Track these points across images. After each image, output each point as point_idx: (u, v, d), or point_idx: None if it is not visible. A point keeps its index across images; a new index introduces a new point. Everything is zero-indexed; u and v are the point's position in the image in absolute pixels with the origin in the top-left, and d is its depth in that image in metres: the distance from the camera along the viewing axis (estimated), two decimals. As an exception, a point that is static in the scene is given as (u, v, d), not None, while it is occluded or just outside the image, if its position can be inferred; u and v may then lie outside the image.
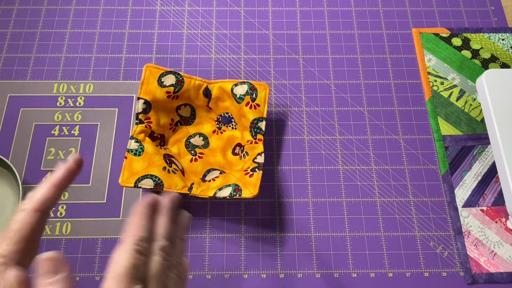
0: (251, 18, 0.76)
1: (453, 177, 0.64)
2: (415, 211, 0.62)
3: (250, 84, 0.62)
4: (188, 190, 0.57)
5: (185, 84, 0.62)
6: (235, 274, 0.58)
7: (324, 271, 0.59)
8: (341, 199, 0.63)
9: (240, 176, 0.58)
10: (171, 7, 0.77)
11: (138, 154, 0.58)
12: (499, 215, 0.62)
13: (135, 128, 0.60)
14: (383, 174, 0.65)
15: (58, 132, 0.66)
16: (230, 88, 0.62)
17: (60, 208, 0.61)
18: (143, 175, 0.56)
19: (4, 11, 0.75)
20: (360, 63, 0.73)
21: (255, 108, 0.62)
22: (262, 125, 0.61)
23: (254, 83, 0.62)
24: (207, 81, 0.63)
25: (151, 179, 0.56)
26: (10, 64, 0.71)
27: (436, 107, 0.69)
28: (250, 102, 0.62)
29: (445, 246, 0.60)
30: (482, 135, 0.67)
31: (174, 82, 0.61)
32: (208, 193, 0.57)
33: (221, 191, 0.56)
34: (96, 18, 0.75)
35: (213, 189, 0.57)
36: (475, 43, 0.74)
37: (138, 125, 0.60)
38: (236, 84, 0.62)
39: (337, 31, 0.75)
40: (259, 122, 0.61)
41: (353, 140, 0.67)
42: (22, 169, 0.63)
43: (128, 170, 0.56)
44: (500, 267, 0.59)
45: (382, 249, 0.60)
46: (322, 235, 0.61)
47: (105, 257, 0.58)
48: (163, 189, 0.56)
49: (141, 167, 0.57)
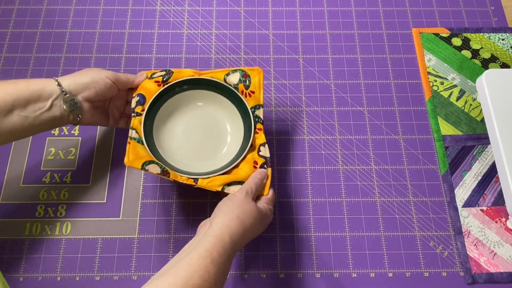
0: (251, 18, 0.76)
1: (453, 177, 0.64)
2: (415, 211, 0.62)
3: (242, 71, 0.60)
4: (194, 182, 0.55)
5: (174, 74, 0.60)
6: (235, 274, 0.58)
7: (324, 271, 0.59)
8: (341, 199, 0.63)
9: (249, 170, 0.56)
10: (171, 7, 0.77)
11: (141, 142, 0.56)
12: (499, 215, 0.62)
13: (133, 120, 0.58)
14: (383, 174, 0.65)
15: (58, 132, 0.66)
16: (223, 78, 0.60)
17: (60, 208, 0.61)
18: (149, 160, 0.54)
19: (4, 11, 0.75)
20: (360, 63, 0.73)
21: (250, 95, 0.59)
22: (259, 112, 0.59)
23: (246, 69, 0.60)
24: (198, 72, 0.61)
25: (158, 166, 0.54)
26: (10, 64, 0.71)
27: (436, 107, 0.69)
28: (244, 90, 0.59)
29: (445, 246, 0.60)
30: (482, 135, 0.67)
31: (162, 74, 0.60)
32: (215, 186, 0.55)
33: (230, 186, 0.54)
34: (96, 18, 0.75)
35: (220, 183, 0.55)
36: (475, 43, 0.74)
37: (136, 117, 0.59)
38: (228, 74, 0.60)
39: (337, 31, 0.75)
40: (256, 110, 0.59)
41: (353, 140, 0.67)
42: (22, 169, 0.63)
43: (133, 153, 0.54)
44: (500, 267, 0.59)
45: (382, 249, 0.60)
46: (322, 235, 0.61)
47: (105, 257, 0.58)
48: (169, 177, 0.54)
49: (145, 153, 0.55)
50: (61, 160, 0.64)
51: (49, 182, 0.63)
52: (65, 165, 0.64)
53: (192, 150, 0.60)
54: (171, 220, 0.61)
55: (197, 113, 0.62)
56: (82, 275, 0.57)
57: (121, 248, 0.59)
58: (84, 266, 0.58)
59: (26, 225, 0.60)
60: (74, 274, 0.57)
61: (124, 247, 0.59)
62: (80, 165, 0.64)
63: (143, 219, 0.61)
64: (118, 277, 0.57)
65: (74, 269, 0.58)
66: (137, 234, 0.60)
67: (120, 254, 0.59)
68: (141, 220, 0.61)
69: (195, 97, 0.61)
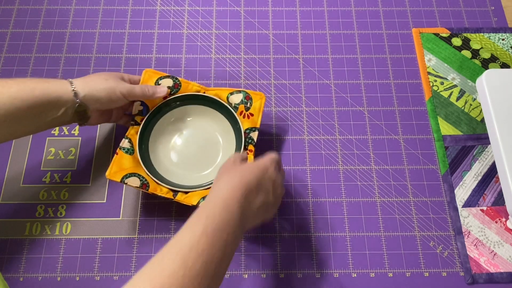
0: (251, 18, 0.76)
1: (453, 177, 0.64)
2: (415, 211, 0.62)
3: (246, 93, 0.62)
4: (173, 196, 0.57)
5: (182, 88, 0.62)
6: (235, 274, 0.58)
7: (324, 271, 0.59)
8: (341, 199, 0.63)
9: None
10: (171, 7, 0.77)
11: (130, 153, 0.58)
12: (499, 215, 0.62)
13: (130, 129, 0.60)
14: (383, 174, 0.65)
15: (58, 132, 0.66)
16: (226, 97, 0.62)
17: (60, 208, 0.61)
18: (131, 172, 0.56)
19: (4, 11, 0.75)
20: (360, 63, 0.73)
21: (249, 117, 0.61)
22: (254, 135, 0.60)
23: (250, 92, 0.62)
24: (205, 88, 0.63)
25: (138, 179, 0.56)
26: (10, 64, 0.71)
27: (436, 107, 0.69)
28: (243, 112, 0.61)
29: (445, 246, 0.60)
30: (482, 135, 0.67)
31: (171, 84, 0.62)
32: (191, 201, 0.56)
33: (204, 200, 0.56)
34: (96, 18, 0.75)
35: (197, 197, 0.56)
36: (475, 43, 0.74)
37: (133, 126, 0.60)
38: (232, 93, 0.62)
39: (337, 31, 0.75)
40: (252, 132, 0.60)
41: (353, 140, 0.67)
42: (22, 169, 0.63)
43: (117, 165, 0.56)
44: (500, 267, 0.59)
45: (382, 249, 0.60)
46: (322, 235, 0.61)
47: (105, 257, 0.58)
48: (148, 191, 0.56)
49: (130, 165, 0.57)
50: (61, 160, 0.64)
51: (49, 182, 0.63)
52: (65, 165, 0.64)
53: (187, 162, 0.62)
54: (171, 220, 0.61)
55: (194, 126, 0.64)
56: (82, 275, 0.57)
57: (121, 248, 0.59)
58: (84, 266, 0.58)
59: (26, 225, 0.60)
60: (74, 274, 0.57)
61: (124, 247, 0.59)
62: (80, 165, 0.64)
63: (143, 219, 0.61)
64: (118, 277, 0.57)
65: (74, 269, 0.58)
66: (137, 234, 0.60)
67: (120, 254, 0.59)
68: (141, 220, 0.61)
69: (194, 111, 0.64)
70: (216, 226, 0.41)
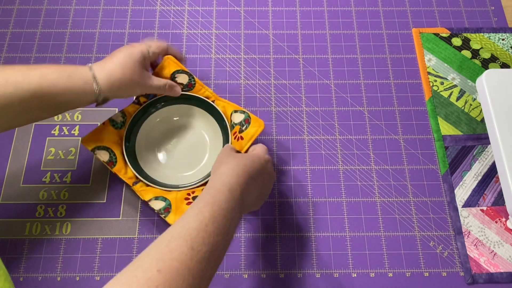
0: (251, 18, 0.76)
1: (453, 177, 0.64)
2: (415, 211, 0.62)
3: (248, 115, 0.60)
4: (133, 184, 0.57)
5: (194, 90, 0.62)
6: (235, 274, 0.58)
7: (324, 271, 0.59)
8: (341, 199, 0.63)
9: (180, 197, 0.56)
10: (171, 7, 0.77)
11: (116, 127, 0.59)
12: (499, 215, 0.62)
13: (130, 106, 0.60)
14: (383, 174, 0.65)
15: (58, 132, 0.66)
16: (230, 112, 0.62)
17: (60, 208, 0.61)
18: (104, 145, 0.56)
19: (4, 11, 0.75)
20: (360, 63, 0.73)
21: (238, 139, 0.60)
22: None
23: (252, 116, 0.60)
24: (216, 96, 0.63)
25: (109, 154, 0.56)
26: (10, 64, 0.71)
27: (436, 107, 0.69)
28: (237, 133, 0.60)
29: (445, 246, 0.60)
30: (482, 135, 0.67)
31: (185, 82, 0.61)
32: (145, 196, 0.56)
33: (156, 200, 0.55)
34: (96, 18, 0.75)
35: (152, 194, 0.56)
36: (475, 43, 0.74)
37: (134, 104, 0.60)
38: (236, 111, 0.61)
39: (337, 31, 0.75)
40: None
41: (353, 140, 0.67)
42: (22, 169, 0.63)
43: (97, 134, 0.57)
44: (500, 267, 0.59)
45: (382, 249, 0.60)
46: (322, 235, 0.61)
47: (105, 257, 0.58)
48: (112, 170, 0.56)
49: (108, 139, 0.57)
50: (61, 160, 0.64)
51: (49, 182, 0.63)
52: (65, 165, 0.64)
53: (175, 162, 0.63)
54: (171, 220, 0.61)
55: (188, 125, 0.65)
56: (82, 275, 0.57)
57: (121, 248, 0.59)
58: (84, 266, 0.58)
59: (26, 225, 0.60)
60: (74, 274, 0.57)
61: (124, 247, 0.59)
62: (80, 165, 0.64)
63: (143, 219, 0.61)
64: (118, 277, 0.57)
65: (74, 269, 0.58)
66: (137, 234, 0.60)
67: (120, 254, 0.59)
68: (141, 220, 0.61)
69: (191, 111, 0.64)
70: (223, 212, 0.42)
